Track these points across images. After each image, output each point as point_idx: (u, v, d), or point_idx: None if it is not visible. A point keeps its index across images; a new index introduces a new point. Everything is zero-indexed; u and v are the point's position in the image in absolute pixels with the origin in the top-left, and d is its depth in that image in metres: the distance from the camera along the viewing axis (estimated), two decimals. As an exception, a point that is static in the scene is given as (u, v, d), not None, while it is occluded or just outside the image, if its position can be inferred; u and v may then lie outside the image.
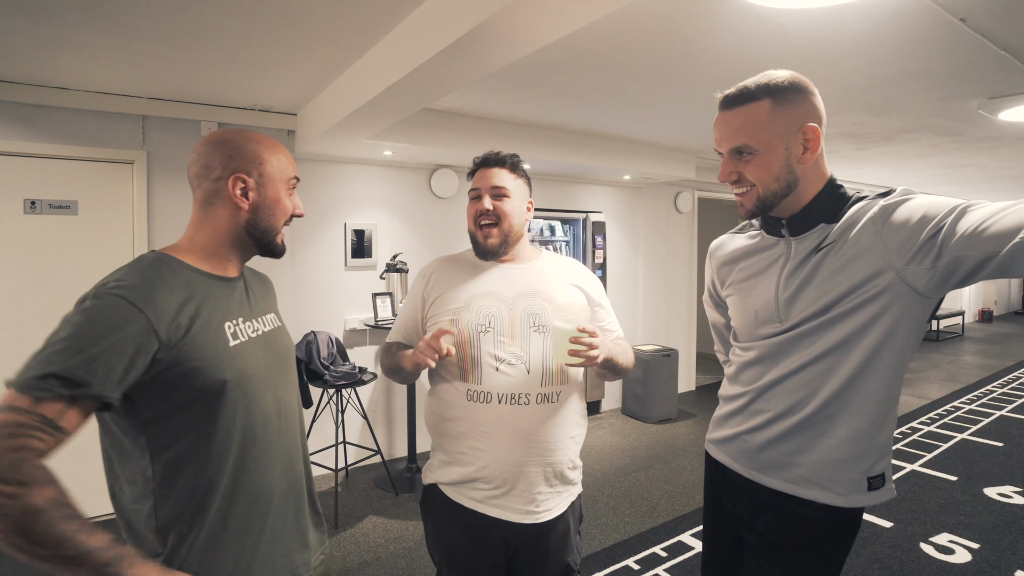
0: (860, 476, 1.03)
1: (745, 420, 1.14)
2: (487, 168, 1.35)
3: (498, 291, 1.31)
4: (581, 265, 1.47)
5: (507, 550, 1.28)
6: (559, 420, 1.28)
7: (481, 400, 1.24)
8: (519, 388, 1.24)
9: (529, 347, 1.27)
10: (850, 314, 0.98)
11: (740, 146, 1.02)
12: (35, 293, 2.71)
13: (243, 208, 0.96)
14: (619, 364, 1.32)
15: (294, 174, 1.03)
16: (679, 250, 5.48)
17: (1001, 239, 0.82)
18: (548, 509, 1.27)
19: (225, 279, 0.98)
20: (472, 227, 1.35)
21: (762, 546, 1.11)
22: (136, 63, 2.33)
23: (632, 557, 2.59)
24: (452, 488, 1.29)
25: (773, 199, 1.04)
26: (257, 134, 1.00)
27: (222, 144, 0.96)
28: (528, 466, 1.24)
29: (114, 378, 0.77)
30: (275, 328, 1.06)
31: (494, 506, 1.25)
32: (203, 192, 0.96)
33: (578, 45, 2.13)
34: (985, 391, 5.55)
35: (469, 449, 1.26)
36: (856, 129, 3.59)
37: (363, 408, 3.49)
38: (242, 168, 0.95)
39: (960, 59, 2.27)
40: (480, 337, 1.26)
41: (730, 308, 1.22)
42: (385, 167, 3.79)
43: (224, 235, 0.97)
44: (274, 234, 1.01)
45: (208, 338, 0.88)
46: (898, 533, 2.78)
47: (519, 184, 1.36)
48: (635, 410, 4.73)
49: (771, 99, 0.99)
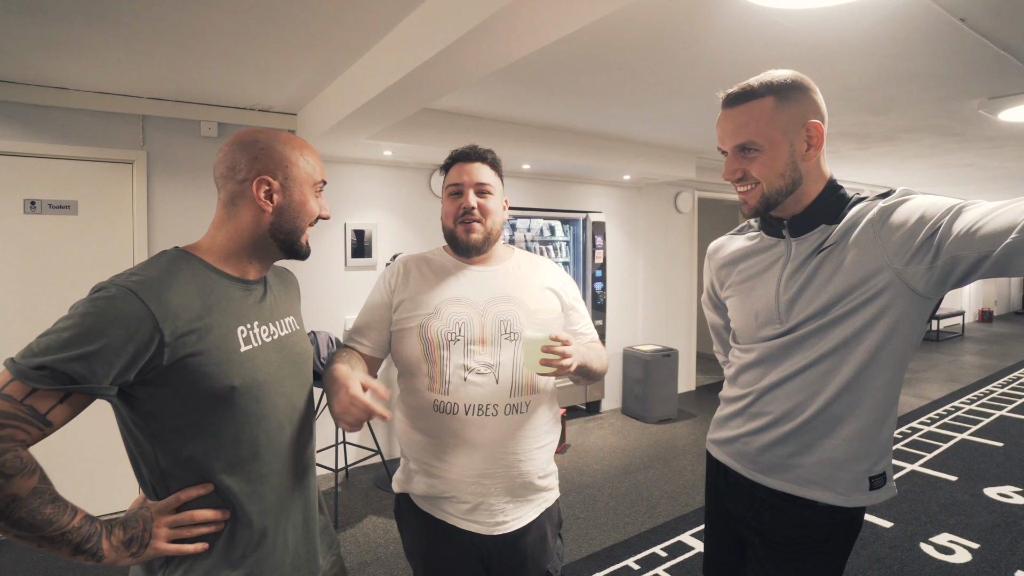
0: (862, 476, 1.03)
1: (745, 422, 1.14)
2: (468, 163, 1.28)
3: (469, 296, 1.25)
4: (554, 265, 1.42)
5: (482, 557, 1.25)
6: (527, 431, 1.23)
7: (448, 411, 1.20)
8: (487, 399, 1.19)
9: (499, 356, 1.22)
10: (850, 315, 0.98)
11: (744, 143, 1.02)
12: (35, 293, 2.71)
13: (267, 211, 0.94)
14: (593, 369, 1.27)
15: (321, 177, 1.01)
16: (679, 250, 5.47)
17: (995, 239, 0.82)
18: (517, 518, 1.23)
19: (243, 281, 0.96)
20: (451, 224, 1.28)
21: (764, 546, 1.11)
22: (136, 63, 2.33)
23: (632, 557, 2.59)
24: (423, 500, 1.25)
25: (778, 196, 1.04)
26: (285, 135, 0.98)
27: (249, 145, 0.94)
28: (494, 479, 1.20)
29: (112, 374, 0.77)
30: (292, 332, 1.04)
31: (463, 519, 1.21)
32: (228, 193, 0.94)
33: (578, 45, 2.13)
34: (985, 391, 5.55)
35: (438, 462, 1.22)
36: (856, 129, 3.59)
37: (363, 408, 3.49)
38: (268, 170, 0.93)
39: (960, 59, 2.27)
40: (450, 346, 1.20)
41: (730, 310, 1.22)
42: (385, 167, 3.79)
43: (247, 236, 0.95)
44: (298, 236, 0.99)
45: (218, 342, 0.86)
46: (898, 533, 2.78)
47: (498, 182, 1.32)
48: (635, 410, 4.73)
49: (774, 96, 1.00)
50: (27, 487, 0.73)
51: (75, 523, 0.77)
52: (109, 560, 0.81)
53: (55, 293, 2.74)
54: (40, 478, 0.76)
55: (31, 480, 0.74)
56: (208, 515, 0.86)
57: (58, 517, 0.76)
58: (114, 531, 0.82)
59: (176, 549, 0.85)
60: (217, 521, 0.87)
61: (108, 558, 0.80)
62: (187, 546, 0.85)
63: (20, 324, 2.68)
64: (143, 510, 0.86)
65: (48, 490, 0.76)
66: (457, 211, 1.27)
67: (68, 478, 2.74)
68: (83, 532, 0.78)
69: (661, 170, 4.38)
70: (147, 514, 0.85)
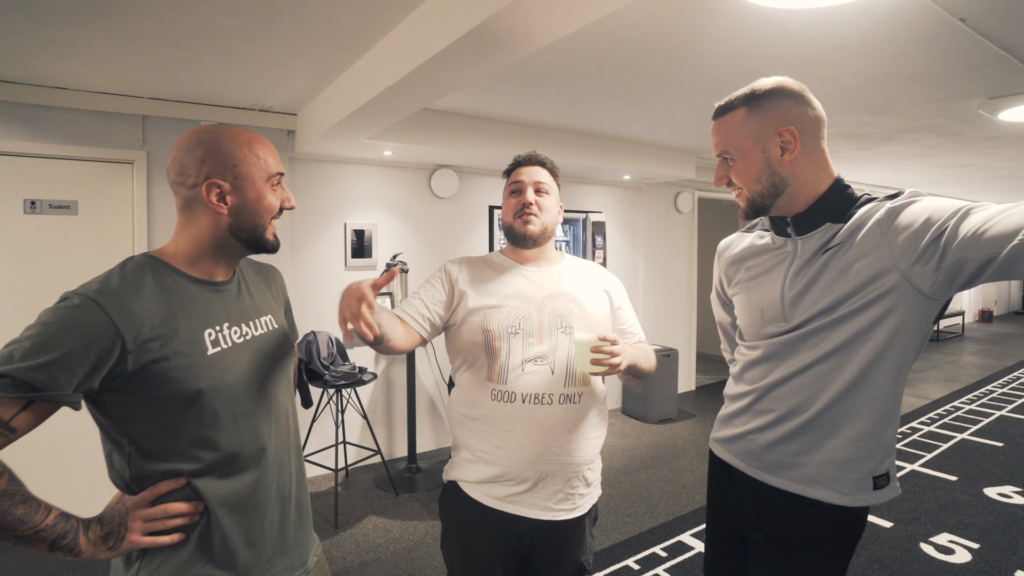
0: (866, 476, 1.03)
1: (750, 419, 1.14)
2: (529, 166, 1.40)
3: (527, 293, 1.34)
4: (602, 268, 1.51)
5: (521, 547, 1.30)
6: (581, 421, 1.29)
7: (505, 400, 1.26)
8: (543, 388, 1.26)
9: (556, 347, 1.29)
10: (856, 314, 0.99)
11: (722, 152, 1.10)
12: (35, 293, 2.71)
13: (223, 213, 0.92)
14: (641, 369, 1.33)
15: (277, 170, 0.96)
16: (679, 250, 5.48)
17: (1001, 241, 0.82)
18: (569, 508, 1.29)
19: (211, 283, 0.95)
20: (509, 219, 1.39)
21: (768, 545, 1.11)
22: (136, 63, 2.33)
23: (632, 557, 2.59)
24: (473, 486, 1.31)
25: (761, 199, 1.08)
26: (233, 130, 0.94)
27: (194, 147, 0.91)
28: (550, 465, 1.26)
29: (73, 382, 0.78)
30: (268, 331, 1.02)
31: (515, 503, 1.27)
32: (182, 199, 0.93)
33: (578, 45, 2.13)
34: (985, 391, 5.55)
35: (492, 447, 1.27)
36: (856, 129, 3.58)
37: (363, 408, 3.49)
38: (216, 173, 0.90)
39: (960, 59, 2.27)
40: (510, 338, 1.28)
41: (736, 307, 1.23)
42: (385, 167, 3.79)
43: (208, 240, 0.93)
44: (261, 232, 0.96)
45: (183, 347, 0.86)
46: (898, 533, 2.78)
47: (555, 186, 1.42)
48: (635, 410, 4.73)
49: (746, 107, 1.06)
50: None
51: (48, 521, 0.79)
52: (87, 555, 0.83)
53: (55, 293, 2.70)
54: (9, 480, 0.77)
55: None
56: (181, 508, 0.88)
57: (30, 516, 0.77)
58: (91, 527, 0.84)
59: (150, 541, 0.87)
60: (191, 513, 0.89)
61: (86, 553, 0.82)
62: (162, 538, 0.87)
63: (20, 324, 2.66)
64: (119, 505, 0.88)
65: (19, 491, 0.78)
66: (517, 206, 1.37)
67: (55, 482, 2.75)
68: (58, 529, 0.80)
69: (661, 170, 4.38)
70: (122, 508, 0.87)
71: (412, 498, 3.23)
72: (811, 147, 1.05)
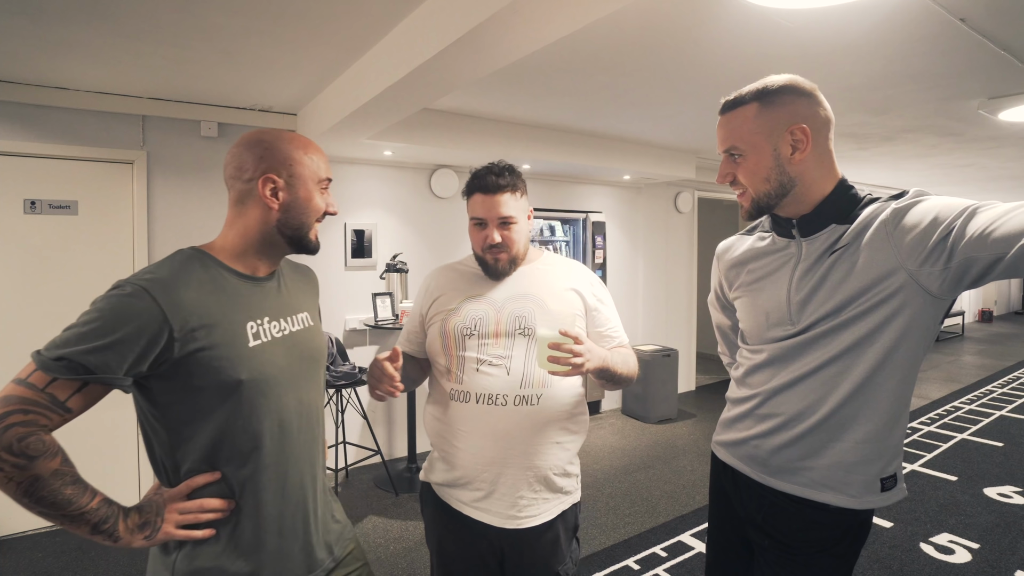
0: (873, 478, 1.02)
1: (755, 424, 1.12)
2: (489, 195, 1.27)
3: (489, 295, 1.33)
4: (582, 267, 1.43)
5: (495, 552, 1.28)
6: (539, 424, 1.26)
7: (461, 399, 1.28)
8: (497, 389, 1.25)
9: (512, 349, 1.27)
10: (863, 316, 0.98)
11: (730, 148, 1.07)
12: (35, 293, 2.71)
13: (273, 208, 0.98)
14: (617, 373, 1.27)
15: (327, 175, 1.04)
16: (679, 250, 5.48)
17: (1008, 241, 0.81)
18: (532, 515, 1.26)
19: (253, 278, 1.00)
20: (479, 251, 1.33)
21: (774, 549, 1.10)
22: (136, 63, 2.33)
23: (632, 557, 2.59)
24: (440, 488, 1.32)
25: (767, 199, 1.05)
26: (290, 134, 1.02)
27: (254, 145, 0.98)
28: (507, 467, 1.24)
29: (124, 366, 0.82)
30: (305, 328, 1.07)
31: (478, 509, 1.26)
32: (236, 192, 0.99)
33: (578, 45, 2.13)
34: (985, 391, 5.55)
35: (452, 448, 1.29)
36: (856, 129, 3.59)
37: (363, 408, 3.49)
38: (272, 169, 0.97)
39: (960, 59, 2.27)
40: (464, 340, 1.29)
41: (739, 311, 1.21)
42: (385, 167, 3.79)
43: (255, 234, 0.99)
44: (306, 231, 1.02)
45: (227, 337, 0.91)
46: (898, 533, 2.78)
47: (522, 204, 1.32)
48: (635, 410, 4.73)
49: (758, 102, 1.03)
50: (49, 468, 0.79)
51: (93, 504, 0.83)
52: (124, 542, 0.86)
53: (55, 293, 2.74)
54: (62, 461, 0.81)
55: (53, 462, 0.80)
56: (215, 504, 0.92)
57: (78, 498, 0.81)
58: (130, 515, 0.88)
59: (184, 534, 0.90)
60: (223, 510, 0.92)
61: (123, 539, 0.86)
62: (195, 531, 0.91)
63: (20, 324, 2.68)
64: (157, 496, 0.92)
65: (69, 472, 0.82)
66: (483, 242, 1.31)
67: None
68: (100, 513, 0.84)
69: (661, 170, 4.38)
70: (160, 500, 0.91)
71: (412, 498, 3.23)
72: (820, 147, 1.04)
